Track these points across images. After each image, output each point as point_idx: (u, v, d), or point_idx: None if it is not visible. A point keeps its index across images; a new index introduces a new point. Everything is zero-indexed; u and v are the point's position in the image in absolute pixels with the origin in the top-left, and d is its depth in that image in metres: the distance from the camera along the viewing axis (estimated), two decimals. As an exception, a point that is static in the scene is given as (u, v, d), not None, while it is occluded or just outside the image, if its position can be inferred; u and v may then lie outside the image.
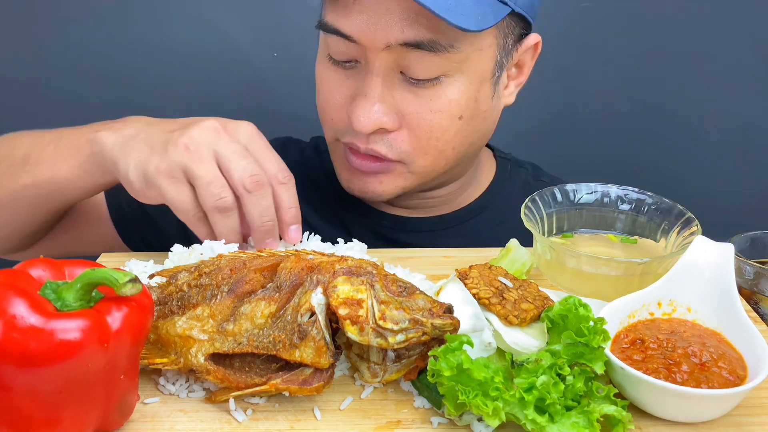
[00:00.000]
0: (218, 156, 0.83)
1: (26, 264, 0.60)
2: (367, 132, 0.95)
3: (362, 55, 0.94)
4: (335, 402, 0.68)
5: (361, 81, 0.96)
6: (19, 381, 0.54)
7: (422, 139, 0.97)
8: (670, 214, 0.88)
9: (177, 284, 0.73)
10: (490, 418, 0.61)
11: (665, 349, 0.68)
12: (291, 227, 0.87)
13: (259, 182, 0.83)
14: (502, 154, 1.23)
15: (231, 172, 0.83)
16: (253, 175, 0.83)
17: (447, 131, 0.97)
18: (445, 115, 0.96)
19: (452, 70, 0.94)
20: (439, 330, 0.66)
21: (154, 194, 0.85)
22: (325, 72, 1.01)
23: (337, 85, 0.99)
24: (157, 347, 0.70)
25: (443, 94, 0.95)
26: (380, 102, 0.94)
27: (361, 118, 0.94)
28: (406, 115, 0.96)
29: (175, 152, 0.83)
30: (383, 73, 0.94)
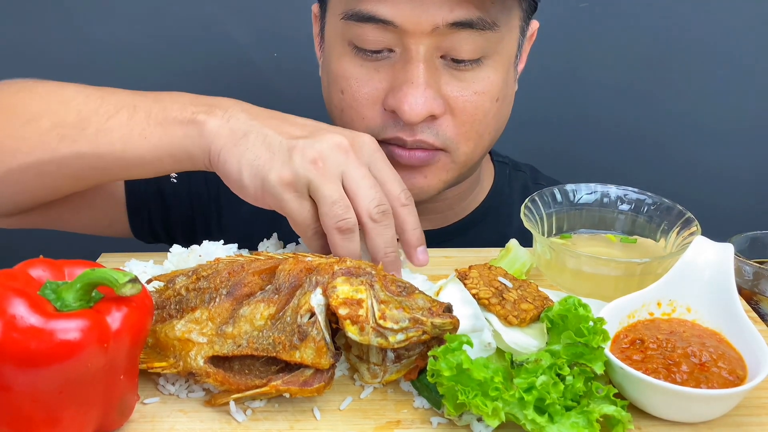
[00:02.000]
0: (345, 178, 0.79)
1: (26, 264, 0.60)
2: (419, 121, 0.91)
3: (398, 43, 0.91)
4: (335, 402, 0.68)
5: (400, 70, 0.92)
6: (19, 381, 0.54)
7: (466, 123, 0.96)
8: (670, 214, 0.88)
9: (175, 288, 0.73)
10: (490, 418, 0.61)
11: (665, 349, 0.68)
12: (418, 249, 0.84)
13: (385, 213, 0.79)
14: (500, 157, 1.23)
15: (358, 199, 0.79)
16: (380, 205, 0.79)
17: (488, 114, 0.97)
18: (487, 96, 0.95)
19: (491, 51, 0.93)
20: (439, 329, 0.66)
21: (271, 203, 0.80)
22: (349, 67, 0.95)
23: (367, 78, 0.95)
24: (156, 351, 0.69)
25: (485, 75, 0.94)
26: (427, 87, 0.91)
27: (413, 107, 0.90)
28: (451, 100, 0.94)
29: (302, 164, 0.77)
30: (425, 58, 0.91)
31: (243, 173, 0.79)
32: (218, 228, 1.17)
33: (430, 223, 1.13)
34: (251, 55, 1.60)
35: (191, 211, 1.17)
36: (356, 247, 0.79)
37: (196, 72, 1.62)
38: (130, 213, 1.15)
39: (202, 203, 1.16)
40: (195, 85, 1.62)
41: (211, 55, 1.60)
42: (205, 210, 1.17)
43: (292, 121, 0.84)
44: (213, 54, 1.60)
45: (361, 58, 0.94)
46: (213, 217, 1.16)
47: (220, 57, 1.61)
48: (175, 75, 1.61)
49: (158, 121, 0.85)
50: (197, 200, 1.17)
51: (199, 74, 1.62)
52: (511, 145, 1.28)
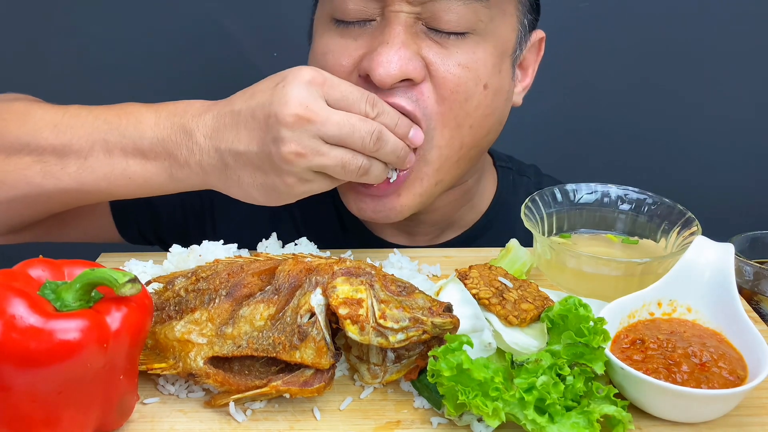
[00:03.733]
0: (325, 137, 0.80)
1: (25, 264, 0.60)
2: (390, 83, 0.86)
3: (379, 11, 0.88)
4: (335, 402, 0.68)
5: (378, 34, 0.88)
6: (18, 381, 0.54)
7: (447, 99, 0.89)
8: (670, 214, 0.88)
9: (174, 289, 0.73)
10: (490, 419, 0.61)
11: (665, 350, 0.68)
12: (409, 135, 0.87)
13: (379, 137, 0.82)
14: (503, 162, 1.18)
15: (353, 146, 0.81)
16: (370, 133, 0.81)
17: (471, 97, 0.90)
18: (472, 73, 0.90)
19: (478, 29, 0.89)
20: (439, 328, 0.65)
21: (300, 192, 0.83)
22: (329, 41, 0.92)
23: (344, 49, 0.91)
24: (156, 352, 0.69)
25: (470, 50, 0.89)
26: (403, 47, 0.86)
27: (385, 66, 0.85)
28: (432, 66, 0.88)
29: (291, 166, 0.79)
30: (405, 23, 0.87)
31: (254, 196, 0.84)
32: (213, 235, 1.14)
33: (428, 237, 1.09)
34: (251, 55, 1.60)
35: (183, 219, 1.14)
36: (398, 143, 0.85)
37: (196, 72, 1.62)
38: (117, 223, 1.14)
39: (195, 212, 1.14)
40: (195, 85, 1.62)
41: (211, 55, 1.60)
42: (199, 218, 1.14)
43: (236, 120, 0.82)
44: (213, 54, 1.60)
45: (340, 30, 0.91)
46: (207, 224, 1.14)
47: (220, 57, 1.61)
48: (175, 75, 1.61)
49: (135, 155, 0.86)
50: (190, 208, 1.14)
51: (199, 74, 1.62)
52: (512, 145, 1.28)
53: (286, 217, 1.12)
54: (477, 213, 1.12)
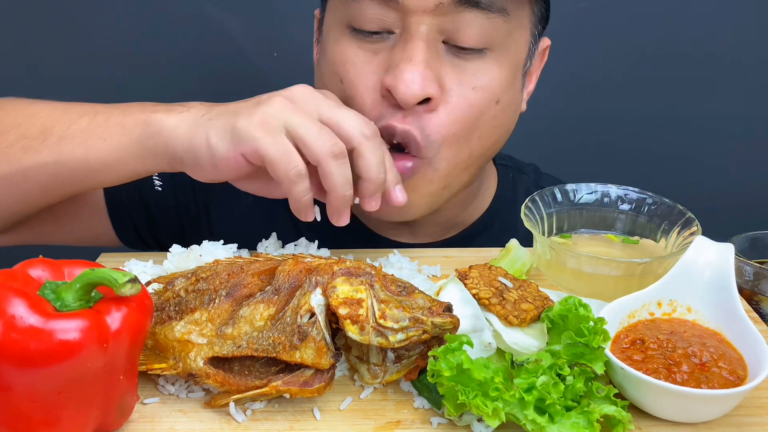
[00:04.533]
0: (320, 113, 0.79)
1: (25, 264, 0.60)
2: (413, 103, 0.85)
3: (399, 23, 0.87)
4: (335, 402, 0.68)
5: (400, 50, 0.87)
6: (18, 381, 0.54)
7: (459, 122, 0.89)
8: (670, 214, 0.88)
9: (174, 290, 0.73)
10: (490, 419, 0.60)
11: (665, 350, 0.68)
12: (397, 187, 0.82)
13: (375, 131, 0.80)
14: (503, 160, 1.19)
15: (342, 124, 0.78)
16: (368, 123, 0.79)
17: (484, 114, 0.91)
18: (487, 94, 0.90)
19: (497, 43, 0.89)
20: (439, 328, 0.65)
21: (246, 149, 0.77)
22: (346, 51, 0.90)
23: (365, 62, 0.89)
24: (155, 353, 0.69)
25: (488, 69, 0.89)
26: (427, 68, 0.85)
27: (409, 85, 0.84)
28: (449, 91, 0.88)
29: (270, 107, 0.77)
30: (427, 38, 0.86)
31: (211, 140, 0.78)
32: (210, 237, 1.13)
33: (431, 235, 1.09)
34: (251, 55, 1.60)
35: (179, 222, 1.13)
36: (349, 171, 0.77)
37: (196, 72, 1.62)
38: (114, 225, 1.12)
39: (190, 214, 1.13)
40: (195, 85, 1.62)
41: (211, 56, 1.61)
42: (195, 220, 1.13)
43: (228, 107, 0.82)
44: (213, 54, 1.60)
45: (358, 40, 0.90)
46: (204, 226, 1.13)
47: (220, 57, 1.61)
48: (175, 75, 1.61)
49: (117, 122, 0.84)
50: (185, 212, 1.13)
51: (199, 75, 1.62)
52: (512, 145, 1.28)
53: (284, 217, 1.12)
54: (478, 211, 1.12)
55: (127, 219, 1.12)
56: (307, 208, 0.79)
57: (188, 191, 1.12)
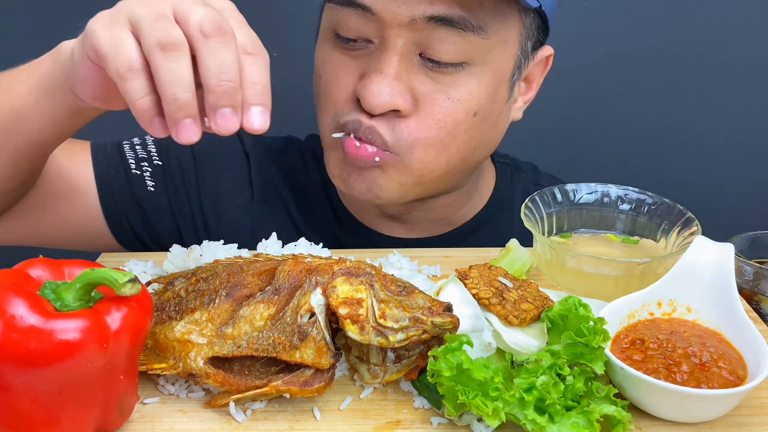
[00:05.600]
0: (175, 6, 0.64)
1: (25, 264, 0.60)
2: (379, 112, 0.88)
3: (377, 34, 0.89)
4: (335, 402, 0.68)
5: (375, 59, 0.89)
6: (18, 381, 0.54)
7: (432, 128, 0.90)
8: (670, 214, 0.88)
9: (174, 290, 0.73)
10: (490, 419, 0.61)
11: (665, 350, 0.68)
12: (253, 108, 0.64)
13: (221, 28, 0.63)
14: (501, 158, 1.19)
15: (188, 17, 0.63)
16: (215, 20, 0.63)
17: (459, 125, 0.91)
18: (463, 106, 0.90)
19: (476, 59, 0.89)
20: (439, 328, 0.65)
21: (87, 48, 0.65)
22: (328, 53, 0.94)
23: (343, 65, 0.92)
24: (155, 353, 0.69)
25: (464, 82, 0.90)
26: (396, 80, 0.87)
27: (375, 95, 0.86)
28: (421, 100, 0.89)
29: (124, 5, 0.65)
30: (401, 52, 0.88)
31: (75, 47, 0.69)
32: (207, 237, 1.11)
33: (427, 231, 1.11)
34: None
35: (174, 220, 1.13)
36: (184, 69, 0.62)
37: (196, 72, 1.62)
38: (111, 228, 1.11)
39: (185, 216, 1.13)
40: (195, 85, 1.62)
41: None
42: (190, 222, 1.13)
43: None
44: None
45: (340, 45, 0.92)
46: (200, 228, 1.13)
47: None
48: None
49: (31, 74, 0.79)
50: (178, 210, 1.13)
51: (199, 74, 1.62)
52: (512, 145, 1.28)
53: (282, 215, 1.13)
54: (475, 208, 1.13)
55: (123, 221, 1.11)
56: (144, 113, 0.63)
57: (180, 190, 1.12)
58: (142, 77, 0.62)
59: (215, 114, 0.63)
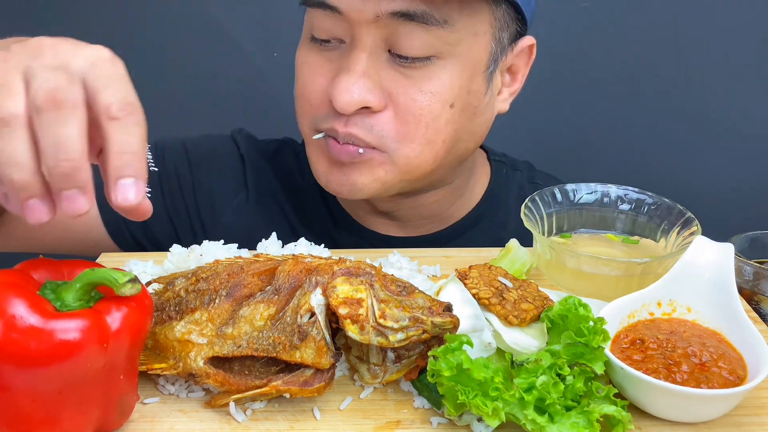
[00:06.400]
0: (26, 71, 0.55)
1: (25, 264, 0.60)
2: (349, 110, 0.88)
3: (348, 33, 0.90)
4: (335, 402, 0.68)
5: (344, 59, 0.90)
6: (18, 381, 0.54)
7: (410, 123, 0.91)
8: (670, 214, 0.88)
9: (174, 290, 0.73)
10: (490, 418, 0.61)
11: (665, 349, 0.68)
12: (121, 182, 0.56)
13: (56, 99, 0.53)
14: (497, 156, 1.20)
15: (30, 85, 0.54)
16: (52, 90, 0.53)
17: (438, 118, 0.92)
18: (437, 98, 0.91)
19: (445, 52, 0.90)
20: (439, 328, 0.65)
21: None
22: (305, 55, 0.96)
23: (318, 67, 0.94)
24: (156, 353, 0.69)
25: (435, 75, 0.90)
26: (364, 77, 0.88)
27: (343, 94, 0.87)
28: (393, 95, 0.90)
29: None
30: (369, 49, 0.89)
31: None
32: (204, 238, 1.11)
33: (421, 228, 1.11)
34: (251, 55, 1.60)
35: (172, 224, 1.13)
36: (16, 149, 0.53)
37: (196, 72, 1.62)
38: (111, 234, 1.11)
39: (181, 219, 1.13)
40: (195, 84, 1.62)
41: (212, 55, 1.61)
42: (187, 224, 1.14)
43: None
44: (213, 54, 1.61)
45: (316, 47, 0.94)
46: (197, 229, 1.14)
47: (220, 57, 1.61)
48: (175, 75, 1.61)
49: None
50: (176, 216, 1.13)
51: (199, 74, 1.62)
52: (512, 145, 1.28)
53: (278, 216, 1.13)
54: (468, 206, 1.13)
55: (123, 228, 1.11)
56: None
57: (177, 196, 1.13)
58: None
59: (59, 197, 0.55)
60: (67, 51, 0.57)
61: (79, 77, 0.56)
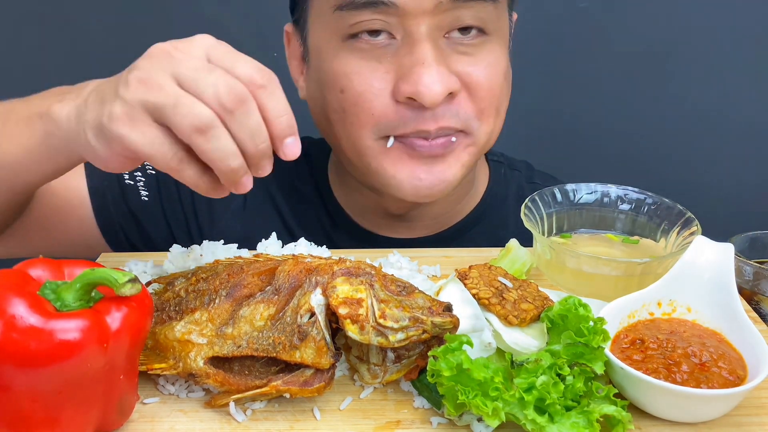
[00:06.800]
0: (179, 79, 0.66)
1: (26, 264, 0.60)
2: (440, 101, 0.88)
3: (398, 28, 0.89)
4: (335, 402, 0.68)
5: (406, 54, 0.89)
6: (18, 381, 0.54)
7: (485, 99, 0.94)
8: (670, 214, 0.88)
9: (174, 290, 0.73)
10: (490, 418, 0.61)
11: (665, 349, 0.68)
12: (286, 141, 0.68)
13: (239, 97, 0.65)
14: (494, 156, 1.20)
15: (201, 93, 0.65)
16: (231, 90, 0.65)
17: (502, 89, 0.96)
18: (497, 69, 0.95)
19: (492, 28, 0.93)
20: (439, 328, 0.65)
21: (118, 149, 0.67)
22: (349, 62, 0.91)
23: (370, 70, 0.90)
24: (156, 353, 0.69)
25: (491, 50, 0.94)
26: (440, 65, 0.89)
27: (430, 87, 0.86)
28: (464, 76, 0.92)
29: (127, 92, 0.66)
30: (431, 38, 0.89)
31: (90, 139, 0.69)
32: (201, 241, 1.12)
33: (425, 229, 1.11)
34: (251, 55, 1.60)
35: (168, 228, 1.13)
36: (226, 143, 0.65)
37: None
38: (106, 237, 1.11)
39: (179, 222, 1.13)
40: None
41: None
42: (184, 228, 1.13)
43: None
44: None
45: (359, 50, 0.91)
46: (194, 232, 1.13)
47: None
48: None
49: (24, 120, 0.79)
50: (173, 218, 1.13)
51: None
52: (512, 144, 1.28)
53: (275, 219, 1.13)
54: (470, 205, 1.14)
55: (117, 229, 1.11)
56: (209, 189, 0.69)
57: (174, 199, 1.12)
58: (192, 164, 0.67)
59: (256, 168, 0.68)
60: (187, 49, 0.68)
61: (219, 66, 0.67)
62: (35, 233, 1.04)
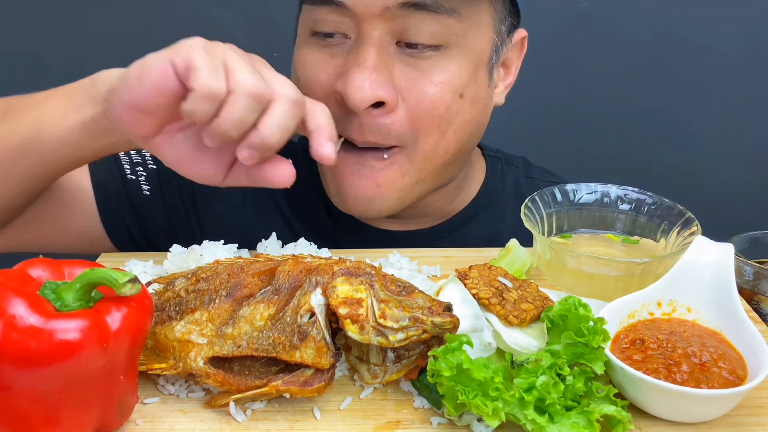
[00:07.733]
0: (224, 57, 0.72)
1: (25, 264, 0.60)
2: (364, 106, 0.87)
3: (353, 28, 0.89)
4: (335, 402, 0.68)
5: (353, 54, 0.89)
6: (18, 381, 0.54)
7: (424, 117, 0.91)
8: (670, 214, 0.88)
9: (174, 290, 0.73)
10: (490, 419, 0.61)
11: (665, 349, 0.68)
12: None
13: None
14: (491, 152, 1.20)
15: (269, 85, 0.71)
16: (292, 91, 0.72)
17: (450, 108, 0.92)
18: (447, 88, 0.91)
19: (452, 42, 0.90)
20: (439, 328, 0.65)
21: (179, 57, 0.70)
22: (306, 53, 0.94)
23: (322, 64, 0.92)
24: (156, 353, 0.69)
25: (443, 65, 0.90)
26: (376, 72, 0.87)
27: (357, 90, 0.86)
28: (405, 90, 0.90)
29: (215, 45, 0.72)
30: (378, 43, 0.88)
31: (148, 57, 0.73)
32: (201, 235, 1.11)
33: (420, 223, 1.11)
34: (251, 54, 1.60)
35: (169, 223, 1.13)
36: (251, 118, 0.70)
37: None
38: (107, 230, 1.11)
39: (178, 214, 1.13)
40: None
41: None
42: (184, 221, 1.14)
43: None
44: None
45: (318, 44, 0.93)
46: (194, 226, 1.14)
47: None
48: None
49: (65, 92, 0.84)
50: (173, 213, 1.13)
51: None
52: (512, 144, 1.28)
53: (274, 212, 1.13)
54: (465, 200, 1.14)
55: (120, 224, 1.11)
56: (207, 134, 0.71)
57: (175, 193, 1.13)
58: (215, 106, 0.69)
59: None
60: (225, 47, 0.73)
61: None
62: (36, 227, 1.04)
